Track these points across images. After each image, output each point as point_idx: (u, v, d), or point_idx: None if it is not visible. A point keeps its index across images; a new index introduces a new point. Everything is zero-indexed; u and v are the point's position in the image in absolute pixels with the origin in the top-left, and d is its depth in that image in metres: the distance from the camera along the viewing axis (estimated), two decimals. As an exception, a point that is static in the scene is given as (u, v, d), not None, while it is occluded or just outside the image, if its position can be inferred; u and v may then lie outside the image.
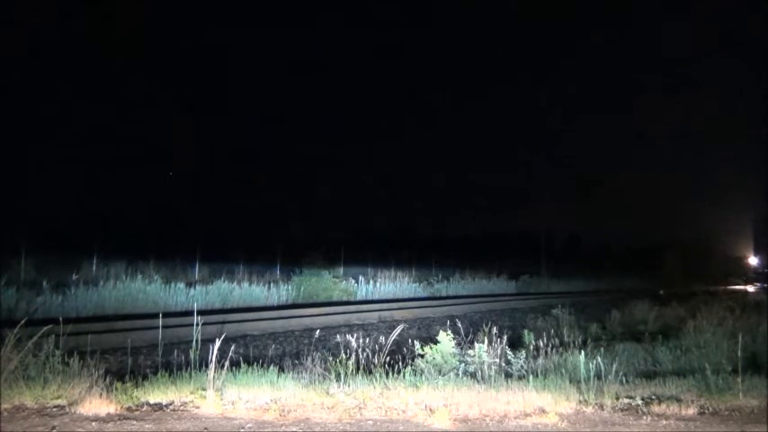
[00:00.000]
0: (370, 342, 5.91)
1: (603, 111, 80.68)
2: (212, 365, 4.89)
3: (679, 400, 5.07)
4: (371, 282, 20.88)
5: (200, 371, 5.18)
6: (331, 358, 5.70)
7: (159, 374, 5.24)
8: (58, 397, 4.67)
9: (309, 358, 5.72)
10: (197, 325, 5.39)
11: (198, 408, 4.65)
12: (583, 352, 5.84)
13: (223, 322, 9.90)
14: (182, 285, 14.59)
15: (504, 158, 79.39)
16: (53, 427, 4.08)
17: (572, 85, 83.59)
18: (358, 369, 5.47)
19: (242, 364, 5.47)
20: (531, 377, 5.48)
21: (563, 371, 5.87)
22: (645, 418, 4.66)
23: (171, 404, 4.74)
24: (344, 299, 18.47)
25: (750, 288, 35.97)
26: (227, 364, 5.13)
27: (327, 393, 4.92)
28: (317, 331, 8.45)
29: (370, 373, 5.45)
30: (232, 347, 5.73)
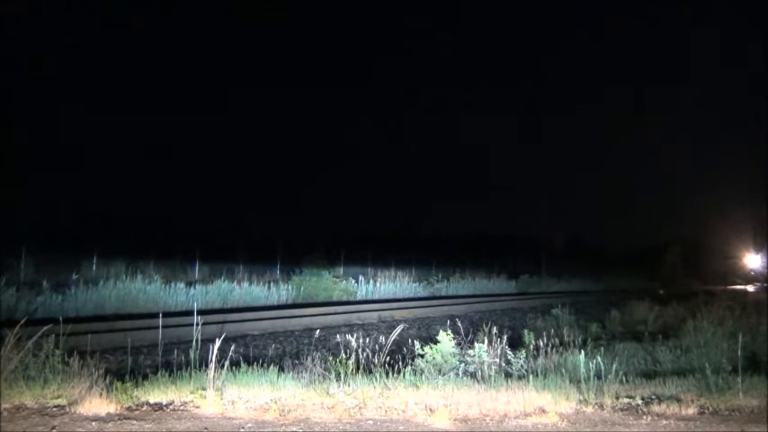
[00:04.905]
0: (370, 342, 5.91)
1: (603, 110, 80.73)
2: (212, 365, 4.89)
3: (679, 400, 5.07)
4: (371, 281, 20.85)
5: (200, 370, 5.18)
6: (331, 358, 5.70)
7: (159, 374, 5.24)
8: (58, 397, 4.67)
9: (309, 358, 5.71)
10: (197, 325, 5.39)
11: (198, 407, 4.65)
12: (583, 352, 5.84)
13: (223, 322, 9.89)
14: (182, 285, 14.58)
15: (505, 157, 79.46)
16: (53, 427, 4.08)
17: (571, 85, 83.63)
18: (358, 369, 5.47)
19: (242, 364, 5.47)
20: (531, 377, 5.48)
21: (563, 370, 5.86)
22: (645, 417, 4.66)
23: (171, 404, 4.74)
24: (344, 299, 18.45)
25: (750, 288, 35.94)
26: (227, 363, 5.13)
27: (327, 393, 4.93)
28: (317, 331, 8.46)
29: (370, 372, 5.45)
30: (232, 347, 5.73)
